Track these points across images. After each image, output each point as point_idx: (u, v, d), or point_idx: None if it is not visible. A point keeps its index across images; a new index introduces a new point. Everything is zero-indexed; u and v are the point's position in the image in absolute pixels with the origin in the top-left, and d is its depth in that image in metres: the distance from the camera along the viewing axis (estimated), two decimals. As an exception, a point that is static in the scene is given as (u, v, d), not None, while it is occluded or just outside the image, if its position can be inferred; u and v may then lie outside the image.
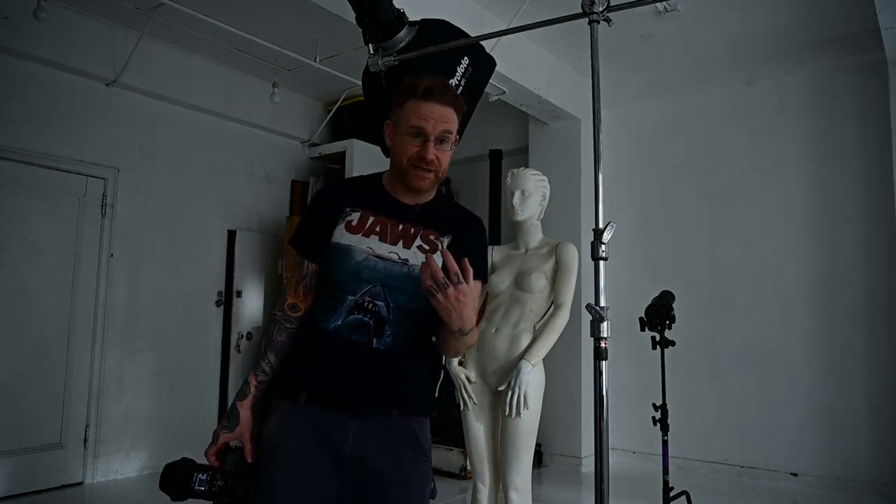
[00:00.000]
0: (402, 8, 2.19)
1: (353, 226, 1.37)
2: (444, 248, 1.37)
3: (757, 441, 4.27)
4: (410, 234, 1.38)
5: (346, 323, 1.32)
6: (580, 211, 4.63)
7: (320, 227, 1.39)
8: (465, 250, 1.34)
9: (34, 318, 3.67)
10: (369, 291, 1.33)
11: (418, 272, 1.27)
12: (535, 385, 2.29)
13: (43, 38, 3.59)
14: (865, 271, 4.04)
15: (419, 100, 1.33)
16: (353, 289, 1.33)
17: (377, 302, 1.33)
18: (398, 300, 1.34)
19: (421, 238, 1.38)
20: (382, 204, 1.41)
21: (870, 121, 4.08)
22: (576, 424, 4.56)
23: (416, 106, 1.33)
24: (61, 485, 3.73)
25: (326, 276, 1.39)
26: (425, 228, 1.40)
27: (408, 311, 1.35)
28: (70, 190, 3.87)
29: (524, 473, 2.29)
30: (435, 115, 1.33)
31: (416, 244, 1.37)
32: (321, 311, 1.37)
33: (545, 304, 2.43)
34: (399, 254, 1.35)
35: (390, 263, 1.34)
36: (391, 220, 1.38)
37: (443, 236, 1.41)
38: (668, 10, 3.61)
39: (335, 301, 1.35)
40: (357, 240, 1.35)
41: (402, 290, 1.33)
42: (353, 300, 1.32)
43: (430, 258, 1.19)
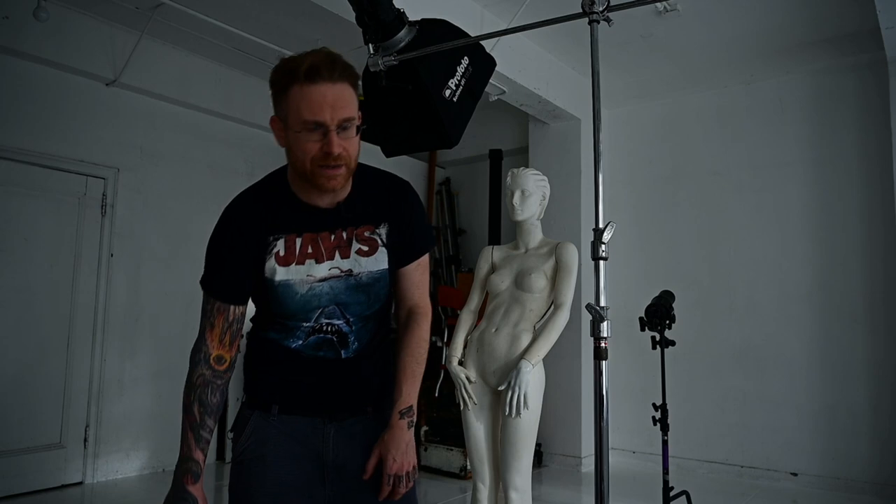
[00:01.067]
0: (402, 8, 2.19)
1: (282, 257, 1.21)
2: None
3: (757, 441, 4.27)
4: (344, 241, 1.24)
5: (308, 343, 1.24)
6: (580, 211, 4.63)
7: (240, 264, 1.21)
8: (407, 232, 1.29)
9: (34, 318, 3.67)
10: (324, 314, 1.23)
11: (367, 279, 1.24)
12: (535, 385, 2.30)
13: (43, 38, 3.59)
14: (865, 271, 4.04)
15: (305, 83, 1.09)
16: (305, 317, 1.23)
17: (335, 321, 1.24)
18: (355, 311, 1.25)
19: (357, 240, 1.25)
20: (302, 218, 1.23)
21: (870, 121, 4.08)
22: (576, 424, 4.56)
23: (302, 93, 1.10)
24: (61, 485, 3.73)
25: (266, 310, 1.26)
26: (357, 226, 1.26)
27: (367, 317, 1.28)
28: (70, 190, 3.87)
29: (524, 473, 2.29)
30: (329, 100, 1.10)
31: (354, 249, 1.24)
32: (275, 331, 1.26)
33: (545, 304, 2.43)
34: (340, 267, 1.23)
35: (335, 280, 1.22)
36: (319, 233, 1.23)
37: (378, 227, 1.27)
38: (668, 10, 3.61)
39: (289, 328, 1.24)
40: (293, 271, 1.20)
41: (356, 302, 1.25)
42: (310, 326, 1.23)
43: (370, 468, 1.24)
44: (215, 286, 1.23)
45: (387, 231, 1.28)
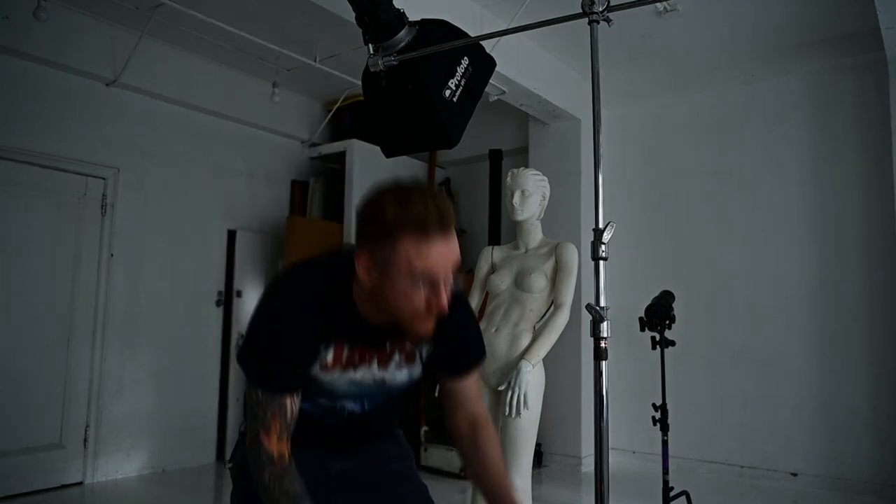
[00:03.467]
0: (402, 8, 2.19)
1: (328, 364, 1.20)
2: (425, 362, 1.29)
3: (757, 441, 4.27)
4: (387, 353, 1.25)
5: (317, 408, 1.28)
6: (580, 211, 4.63)
7: (293, 363, 1.16)
8: (453, 342, 1.27)
9: (34, 318, 3.67)
10: (344, 399, 1.28)
11: (396, 387, 1.29)
12: (534, 385, 2.30)
13: (43, 38, 3.59)
14: (865, 271, 4.04)
15: (431, 236, 1.00)
16: (329, 401, 1.28)
17: (350, 406, 1.30)
18: (374, 402, 1.32)
19: (399, 353, 1.26)
20: (358, 332, 1.20)
21: (870, 121, 4.08)
22: (576, 424, 4.56)
23: (424, 246, 1.00)
24: (61, 485, 3.73)
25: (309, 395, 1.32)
26: (401, 340, 1.24)
27: (383, 405, 1.36)
28: (70, 190, 3.87)
29: (524, 473, 2.29)
30: (452, 257, 1.04)
31: (394, 361, 1.26)
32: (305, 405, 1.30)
33: (545, 304, 2.43)
34: (375, 376, 1.25)
35: (366, 385, 1.26)
36: (368, 347, 1.23)
37: (420, 345, 1.28)
38: (668, 10, 3.61)
39: (307, 399, 1.24)
40: (336, 376, 1.22)
41: (378, 395, 1.31)
42: (329, 404, 1.29)
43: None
44: (271, 382, 1.14)
45: (430, 349, 1.28)
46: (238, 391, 4.55)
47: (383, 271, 1.05)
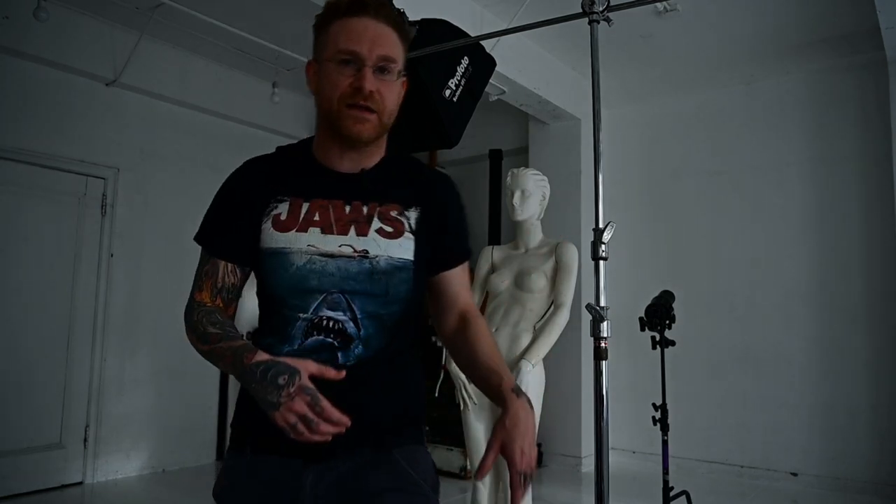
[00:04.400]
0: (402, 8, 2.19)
1: (282, 221, 1.03)
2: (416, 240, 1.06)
3: (757, 441, 4.27)
4: (363, 216, 1.04)
5: (305, 347, 1.00)
6: (580, 211, 4.63)
7: (236, 224, 1.06)
8: (441, 225, 1.10)
9: (34, 318, 3.67)
10: (325, 303, 1.01)
11: (385, 264, 1.02)
12: (535, 385, 2.30)
13: (43, 38, 3.59)
14: (865, 271, 4.04)
15: (346, 16, 1.01)
16: (301, 304, 1.01)
17: (339, 316, 1.01)
18: (366, 308, 1.02)
19: (379, 217, 1.05)
20: (314, 181, 1.07)
21: (870, 121, 4.08)
22: (576, 424, 4.56)
23: (343, 25, 1.01)
24: (61, 485, 3.73)
25: (262, 299, 1.07)
26: (382, 203, 1.06)
27: (382, 319, 1.04)
28: (70, 190, 3.87)
29: (524, 473, 2.29)
30: (370, 34, 1.00)
31: (374, 227, 1.04)
32: (271, 333, 1.04)
33: (545, 304, 2.43)
34: (354, 245, 1.02)
35: (345, 261, 1.01)
36: (333, 200, 1.05)
37: (407, 210, 1.08)
38: (668, 10, 3.61)
39: (283, 321, 1.02)
40: (292, 238, 1.02)
41: (368, 295, 1.02)
42: (307, 319, 1.01)
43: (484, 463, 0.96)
44: (204, 235, 1.10)
45: (418, 217, 1.08)
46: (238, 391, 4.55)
47: (318, 72, 1.04)
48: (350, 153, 1.07)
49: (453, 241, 1.14)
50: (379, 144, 1.09)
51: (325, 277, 1.01)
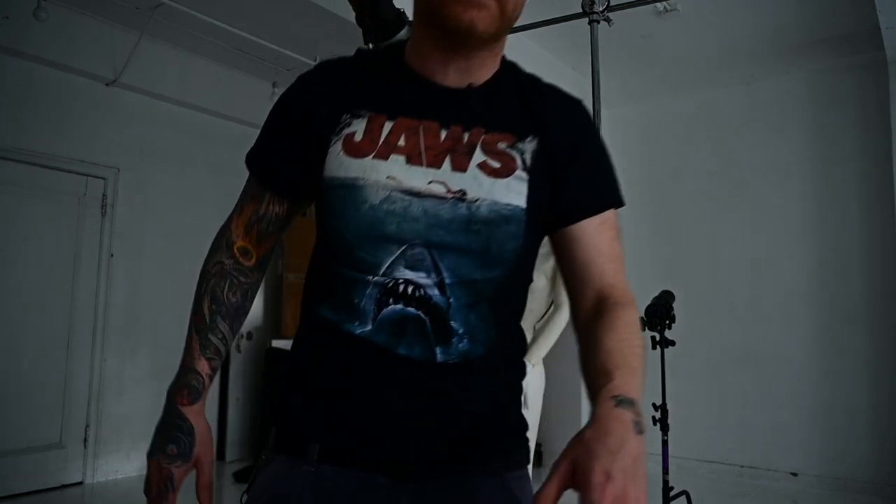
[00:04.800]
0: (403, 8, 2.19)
1: (355, 143, 0.78)
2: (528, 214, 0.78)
3: (757, 441, 4.27)
4: (463, 145, 0.78)
5: (381, 322, 0.76)
6: (580, 211, 4.62)
7: (295, 144, 0.83)
8: (568, 163, 0.81)
9: (34, 318, 3.67)
10: (403, 259, 0.75)
11: (487, 211, 0.75)
12: (535, 385, 2.30)
13: (43, 38, 3.59)
14: (865, 271, 4.04)
15: None
16: (372, 258, 0.76)
17: (420, 278, 0.75)
18: (457, 269, 0.76)
19: (483, 149, 0.78)
20: (406, 94, 0.81)
21: (870, 121, 4.08)
22: (576, 424, 4.55)
23: None
24: (61, 485, 3.73)
25: (322, 237, 0.82)
26: (490, 130, 0.79)
27: (477, 286, 0.77)
28: (70, 190, 3.87)
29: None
30: None
31: (475, 161, 0.77)
32: (330, 305, 0.80)
33: (545, 304, 2.44)
34: (448, 183, 0.76)
35: (434, 203, 0.75)
36: (426, 121, 0.78)
37: (522, 141, 0.80)
38: (668, 10, 3.61)
39: (345, 285, 0.78)
40: (367, 167, 0.76)
41: (461, 251, 0.75)
42: (381, 281, 0.75)
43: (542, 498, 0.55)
44: (254, 157, 0.87)
45: (535, 149, 0.80)
46: (238, 391, 4.55)
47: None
48: (457, 60, 0.79)
49: (584, 185, 0.83)
50: (495, 50, 0.81)
51: (407, 223, 0.75)
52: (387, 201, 0.75)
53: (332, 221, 0.78)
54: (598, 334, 0.77)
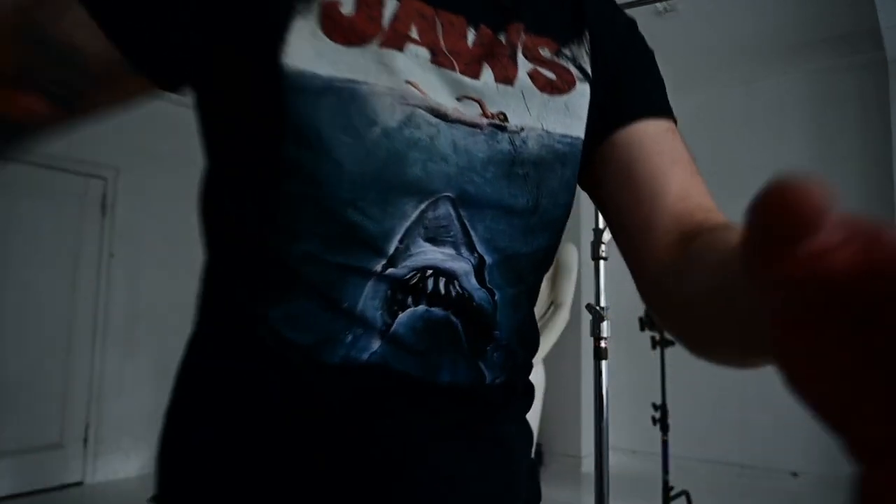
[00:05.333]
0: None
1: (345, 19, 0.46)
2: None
3: (757, 440, 4.27)
4: (503, 46, 0.52)
5: (395, 338, 0.47)
6: (580, 211, 4.61)
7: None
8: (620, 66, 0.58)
9: (34, 318, 3.67)
10: (422, 224, 0.47)
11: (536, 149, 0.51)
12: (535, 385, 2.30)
13: (43, 38, 3.59)
14: (865, 271, 4.04)
15: None
16: (375, 223, 0.46)
17: (451, 262, 0.49)
18: (497, 239, 0.51)
19: (527, 54, 0.53)
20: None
21: (870, 121, 4.08)
22: (576, 424, 4.56)
23: None
24: (61, 484, 3.73)
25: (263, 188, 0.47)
26: (530, 30, 0.54)
27: (521, 265, 0.53)
28: (70, 190, 3.87)
29: (524, 473, 2.30)
30: None
31: (525, 69, 0.52)
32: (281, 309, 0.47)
33: (544, 304, 2.43)
34: (485, 99, 0.50)
35: (465, 131, 0.48)
36: (442, 11, 0.50)
37: (570, 45, 0.56)
38: (668, 10, 3.61)
39: (324, 277, 0.46)
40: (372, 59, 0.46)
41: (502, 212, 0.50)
42: (390, 276, 0.47)
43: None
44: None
45: (590, 54, 0.57)
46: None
47: None
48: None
49: (642, 87, 0.60)
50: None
51: (435, 163, 0.46)
52: (409, 124, 0.45)
53: (303, 157, 0.43)
54: (709, 240, 0.45)
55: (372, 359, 0.47)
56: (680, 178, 0.56)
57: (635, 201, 0.54)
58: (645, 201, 0.54)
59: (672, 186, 0.54)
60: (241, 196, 0.49)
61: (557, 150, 0.53)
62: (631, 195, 0.55)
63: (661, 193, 0.54)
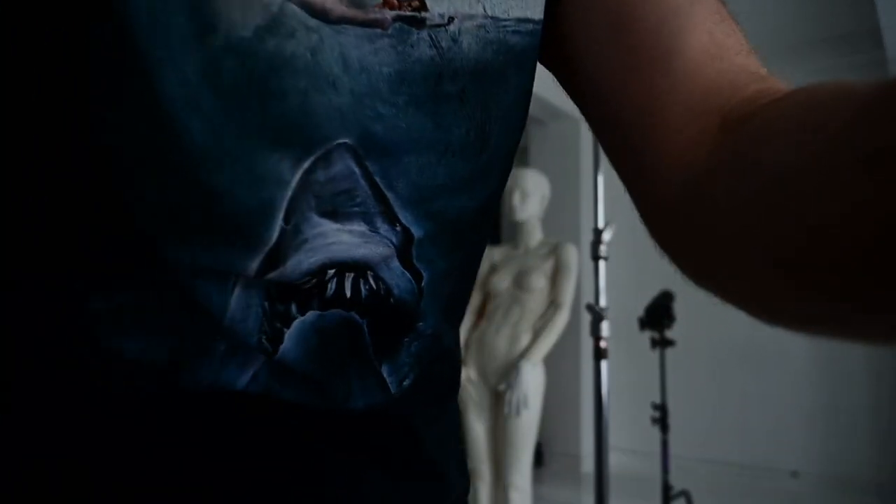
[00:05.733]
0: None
1: None
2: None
3: (757, 440, 4.27)
4: None
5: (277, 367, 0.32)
6: (580, 211, 4.63)
7: None
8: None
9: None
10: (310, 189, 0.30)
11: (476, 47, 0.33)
12: (534, 385, 2.30)
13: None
14: (865, 271, 4.04)
15: None
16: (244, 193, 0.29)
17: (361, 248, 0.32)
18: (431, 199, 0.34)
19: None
20: None
21: (869, 121, 4.08)
22: (576, 424, 4.56)
23: None
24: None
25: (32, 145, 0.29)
26: None
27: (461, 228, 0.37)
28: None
29: (524, 473, 2.30)
30: None
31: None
32: (121, 319, 0.28)
33: (545, 304, 2.44)
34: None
35: (359, 35, 0.30)
36: None
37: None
38: (668, 10, 3.61)
39: (149, 280, 0.29)
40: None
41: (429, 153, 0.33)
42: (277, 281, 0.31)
43: None
44: None
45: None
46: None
47: None
48: None
49: None
50: None
51: (319, 92, 0.30)
52: (274, 31, 0.28)
53: (124, 83, 0.28)
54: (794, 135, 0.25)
55: (252, 387, 0.31)
56: (706, 25, 0.35)
57: (632, 70, 0.33)
58: (648, 68, 0.33)
59: (694, 39, 0.33)
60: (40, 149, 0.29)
61: (511, 46, 0.34)
62: (624, 61, 0.34)
63: (675, 51, 0.32)
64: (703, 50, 0.33)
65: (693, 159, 0.30)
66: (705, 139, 0.30)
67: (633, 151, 0.35)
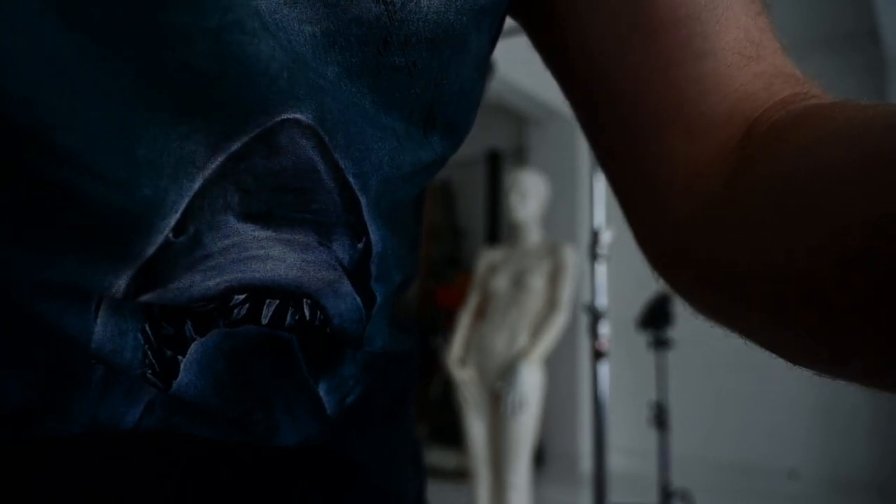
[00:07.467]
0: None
1: None
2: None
3: (757, 441, 4.27)
4: None
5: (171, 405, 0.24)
6: (580, 212, 4.63)
7: None
8: None
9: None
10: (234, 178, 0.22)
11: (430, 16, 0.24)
12: (533, 385, 2.30)
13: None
14: (864, 271, 4.04)
15: None
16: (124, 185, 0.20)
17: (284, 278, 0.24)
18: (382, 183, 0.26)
19: None
20: None
21: (869, 121, 4.09)
22: (575, 424, 4.56)
23: None
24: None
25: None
26: None
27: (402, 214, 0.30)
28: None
29: (523, 473, 2.30)
30: None
31: None
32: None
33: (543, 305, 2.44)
34: None
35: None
36: None
37: None
38: (667, 9, 3.61)
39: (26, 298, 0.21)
40: None
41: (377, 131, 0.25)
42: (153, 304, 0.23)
43: None
44: None
45: None
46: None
47: None
48: None
49: None
50: None
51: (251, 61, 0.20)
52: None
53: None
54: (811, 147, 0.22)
55: (147, 422, 0.24)
56: (742, 20, 0.29)
57: (650, 71, 0.28)
58: (676, 70, 0.27)
59: (730, 37, 0.28)
60: None
61: (482, 4, 0.27)
62: (648, 61, 0.28)
63: (706, 53, 0.27)
64: (738, 51, 0.28)
65: (718, 173, 0.26)
66: (732, 151, 0.26)
67: (643, 161, 0.30)
